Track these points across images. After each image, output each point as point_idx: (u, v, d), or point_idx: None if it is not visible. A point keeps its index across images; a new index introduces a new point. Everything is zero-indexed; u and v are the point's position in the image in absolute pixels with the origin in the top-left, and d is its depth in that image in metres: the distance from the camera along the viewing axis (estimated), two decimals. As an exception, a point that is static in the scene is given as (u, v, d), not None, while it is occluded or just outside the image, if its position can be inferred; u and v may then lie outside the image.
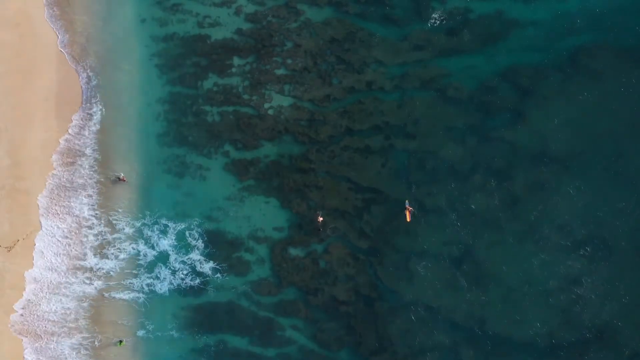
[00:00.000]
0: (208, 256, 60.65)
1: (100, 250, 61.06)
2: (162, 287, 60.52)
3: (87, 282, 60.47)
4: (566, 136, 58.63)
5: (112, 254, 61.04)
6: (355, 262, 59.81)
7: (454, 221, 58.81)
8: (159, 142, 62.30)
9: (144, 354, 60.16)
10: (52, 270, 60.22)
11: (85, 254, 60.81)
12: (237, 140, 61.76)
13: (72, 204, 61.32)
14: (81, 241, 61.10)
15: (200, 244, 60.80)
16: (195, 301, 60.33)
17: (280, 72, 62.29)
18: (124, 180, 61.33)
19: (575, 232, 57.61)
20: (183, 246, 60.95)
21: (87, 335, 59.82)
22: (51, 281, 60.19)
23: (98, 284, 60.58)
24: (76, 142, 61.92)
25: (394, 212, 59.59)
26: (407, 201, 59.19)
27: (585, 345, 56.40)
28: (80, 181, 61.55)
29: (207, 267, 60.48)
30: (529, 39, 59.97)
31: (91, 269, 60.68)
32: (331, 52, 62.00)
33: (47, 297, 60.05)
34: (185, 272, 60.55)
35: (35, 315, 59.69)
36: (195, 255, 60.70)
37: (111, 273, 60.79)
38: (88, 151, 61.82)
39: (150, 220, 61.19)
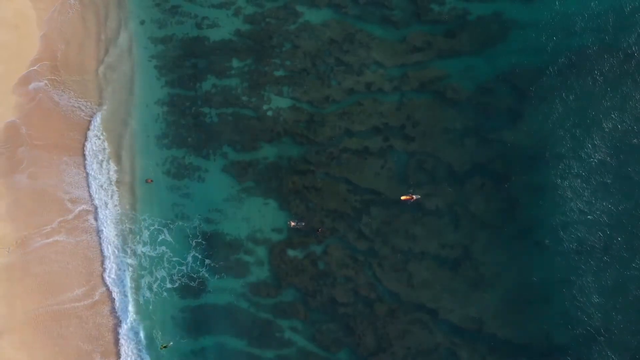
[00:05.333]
0: (207, 258, 60.78)
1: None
2: (160, 289, 60.62)
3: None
4: (565, 137, 58.59)
5: (109, 254, 61.42)
6: (354, 263, 59.89)
7: (453, 223, 58.92)
8: (158, 144, 62.47)
9: (143, 356, 60.38)
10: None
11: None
12: (235, 142, 61.82)
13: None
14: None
15: (198, 245, 60.89)
16: (193, 303, 60.50)
17: (279, 73, 62.29)
18: (150, 182, 61.63)
19: (573, 233, 57.61)
20: (181, 248, 61.06)
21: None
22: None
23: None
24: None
25: (393, 213, 59.69)
26: (419, 196, 59.13)
27: (582, 346, 56.49)
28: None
29: (205, 268, 60.57)
30: (528, 41, 59.87)
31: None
32: (330, 54, 61.96)
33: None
34: (183, 274, 60.67)
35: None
36: (193, 257, 60.79)
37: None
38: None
39: (149, 222, 61.31)
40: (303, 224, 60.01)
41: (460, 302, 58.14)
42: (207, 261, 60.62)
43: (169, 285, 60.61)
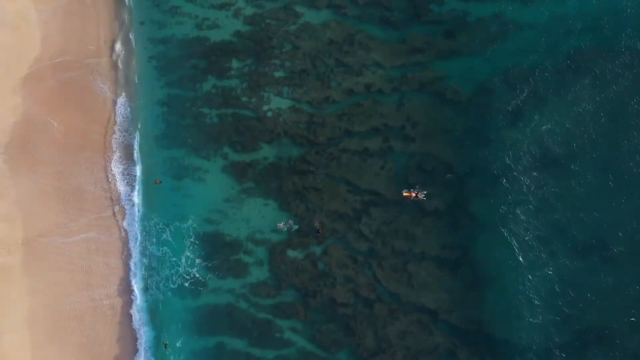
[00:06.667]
0: (206, 258, 60.79)
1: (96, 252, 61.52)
2: (159, 290, 60.63)
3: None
4: (565, 138, 58.72)
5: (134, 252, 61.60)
6: (354, 264, 59.93)
7: (452, 223, 58.96)
8: (158, 144, 62.52)
9: (143, 357, 60.38)
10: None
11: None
12: (235, 143, 61.90)
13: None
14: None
15: (198, 246, 60.91)
16: (193, 304, 60.46)
17: (279, 74, 62.40)
18: (159, 182, 61.76)
19: (572, 234, 57.69)
20: (181, 248, 61.05)
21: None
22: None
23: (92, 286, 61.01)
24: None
25: (393, 213, 59.73)
26: (423, 194, 59.20)
27: (582, 347, 56.53)
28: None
29: (205, 269, 60.58)
30: (527, 41, 60.09)
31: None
32: (330, 55, 62.08)
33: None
34: (183, 274, 60.64)
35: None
36: (193, 258, 60.79)
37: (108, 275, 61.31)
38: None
39: (155, 221, 61.35)
40: (291, 222, 60.12)
41: (459, 302, 58.18)
42: (207, 262, 60.64)
43: (171, 286, 60.68)
